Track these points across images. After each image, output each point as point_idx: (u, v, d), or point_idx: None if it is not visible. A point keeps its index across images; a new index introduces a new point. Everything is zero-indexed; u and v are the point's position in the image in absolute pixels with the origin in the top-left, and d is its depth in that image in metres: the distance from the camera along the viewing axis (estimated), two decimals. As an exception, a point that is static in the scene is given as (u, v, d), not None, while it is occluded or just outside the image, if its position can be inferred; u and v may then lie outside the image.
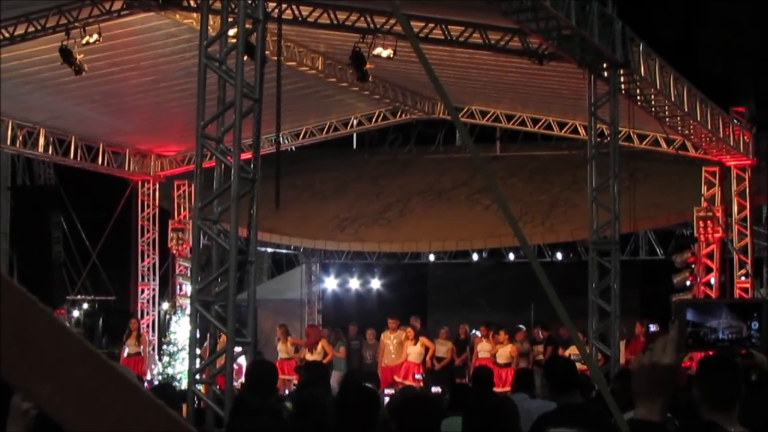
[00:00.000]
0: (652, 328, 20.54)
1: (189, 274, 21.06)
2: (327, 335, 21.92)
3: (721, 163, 21.61)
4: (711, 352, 3.71)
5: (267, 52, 11.98)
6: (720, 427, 4.01)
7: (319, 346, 20.36)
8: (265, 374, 7.55)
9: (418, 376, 19.52)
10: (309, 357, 20.21)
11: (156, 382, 18.87)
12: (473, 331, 22.15)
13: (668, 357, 2.63)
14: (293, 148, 25.15)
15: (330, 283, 28.45)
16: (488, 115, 22.86)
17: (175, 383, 20.07)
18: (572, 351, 18.12)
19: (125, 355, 20.76)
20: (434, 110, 23.15)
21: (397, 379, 19.45)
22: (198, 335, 11.19)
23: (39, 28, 15.99)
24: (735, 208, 21.73)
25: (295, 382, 17.66)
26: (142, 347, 21.26)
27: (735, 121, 20.74)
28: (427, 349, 20.38)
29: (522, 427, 6.39)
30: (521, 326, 20.90)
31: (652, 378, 2.65)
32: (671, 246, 23.80)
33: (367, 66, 17.11)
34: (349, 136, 25.68)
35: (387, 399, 15.79)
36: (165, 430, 1.41)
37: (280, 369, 15.99)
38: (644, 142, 21.45)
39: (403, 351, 20.29)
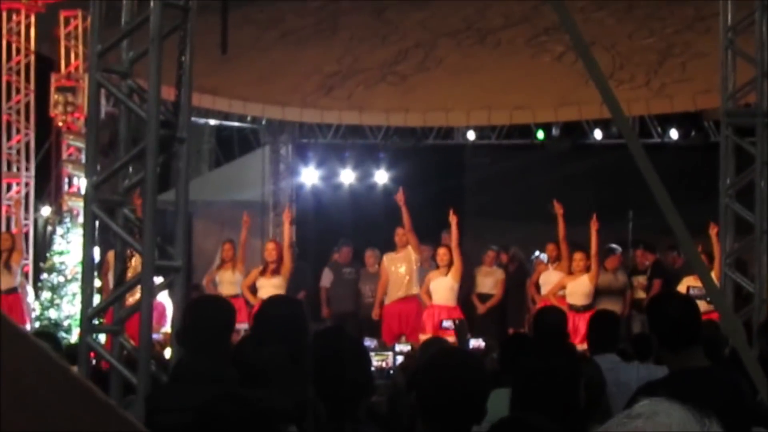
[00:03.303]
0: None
1: (83, 161, 21.10)
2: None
3: None
4: None
5: None
6: None
7: None
8: (215, 318, 7.57)
9: (447, 324, 19.46)
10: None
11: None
12: (536, 254, 22.18)
13: None
14: (250, -41, 25.05)
15: (309, 177, 28.47)
16: None
17: (61, 333, 20.21)
18: (692, 284, 18.19)
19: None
20: None
21: (422, 336, 19.39)
22: (97, 257, 11.19)
23: None
24: None
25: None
26: (18, 279, 21.29)
27: None
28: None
29: (616, 406, 6.39)
30: (614, 246, 20.80)
31: None
32: None
33: None
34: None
35: (400, 359, 15.91)
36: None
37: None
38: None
39: (412, 281, 20.39)
